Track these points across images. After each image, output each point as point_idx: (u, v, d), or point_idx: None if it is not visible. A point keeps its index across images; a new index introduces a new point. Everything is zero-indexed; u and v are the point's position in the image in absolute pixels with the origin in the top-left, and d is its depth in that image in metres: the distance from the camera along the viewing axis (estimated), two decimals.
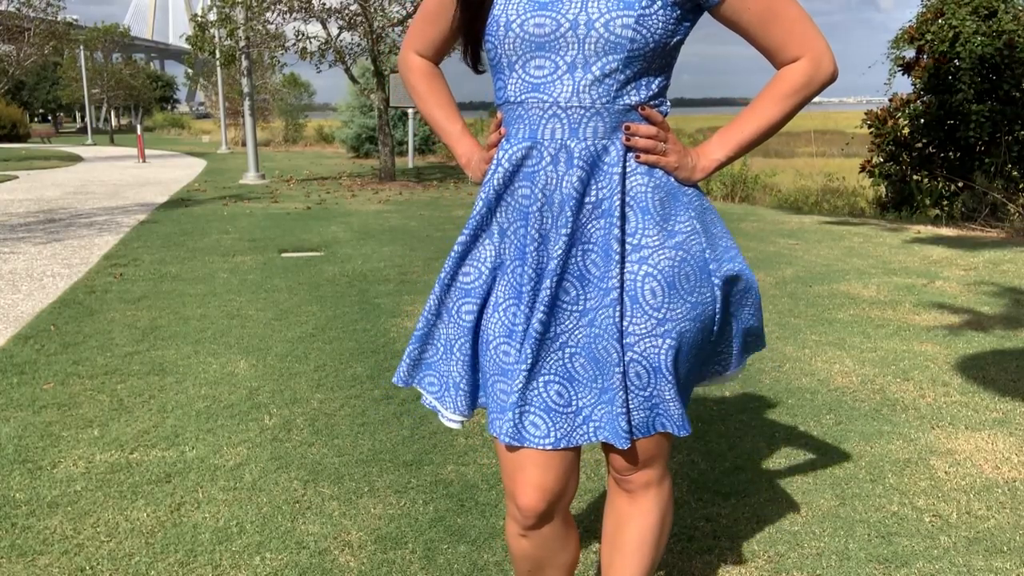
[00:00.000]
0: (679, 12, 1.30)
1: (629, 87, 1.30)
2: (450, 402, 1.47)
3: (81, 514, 2.38)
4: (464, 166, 1.54)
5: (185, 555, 2.16)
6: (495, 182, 1.39)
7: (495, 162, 1.40)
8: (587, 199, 1.33)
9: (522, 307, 1.36)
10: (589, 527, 2.28)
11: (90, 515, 2.37)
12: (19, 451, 2.81)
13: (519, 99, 1.34)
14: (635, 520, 1.52)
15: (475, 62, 1.45)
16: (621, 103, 1.31)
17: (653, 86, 1.33)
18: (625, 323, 1.33)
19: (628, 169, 1.34)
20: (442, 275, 1.46)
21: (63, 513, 2.38)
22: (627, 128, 1.32)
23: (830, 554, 2.16)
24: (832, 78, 1.35)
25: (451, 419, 1.48)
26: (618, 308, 1.32)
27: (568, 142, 1.32)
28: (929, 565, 2.10)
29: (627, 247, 1.34)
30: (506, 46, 1.32)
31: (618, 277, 1.32)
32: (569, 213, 1.32)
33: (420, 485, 2.55)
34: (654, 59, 1.30)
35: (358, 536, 2.26)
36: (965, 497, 2.47)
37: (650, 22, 1.27)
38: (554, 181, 1.33)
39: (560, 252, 1.32)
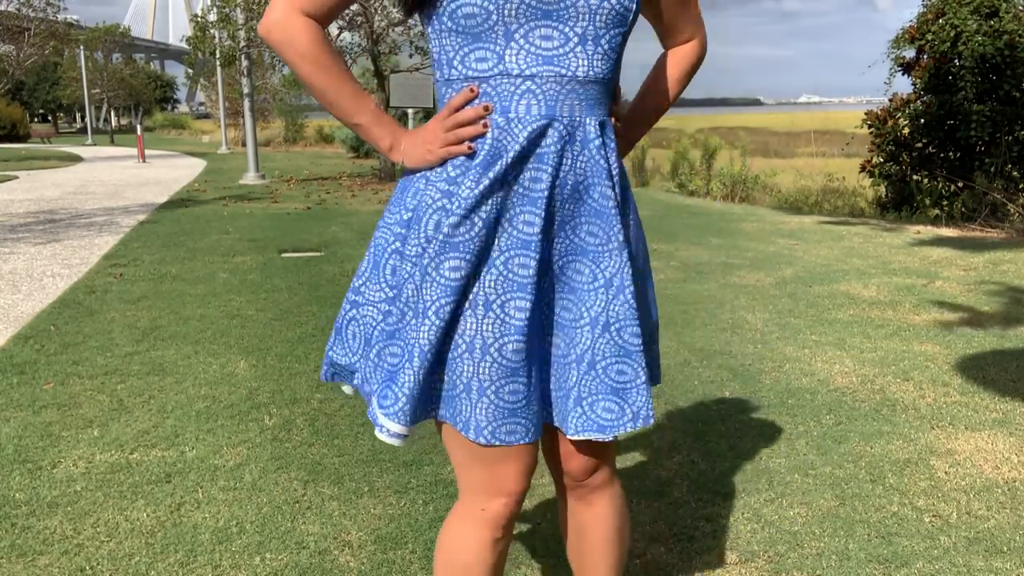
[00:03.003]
0: None
1: (619, 62, 1.31)
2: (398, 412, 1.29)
3: (81, 514, 2.38)
4: (388, 150, 1.32)
5: (185, 555, 2.16)
6: (506, 162, 1.23)
7: (494, 141, 1.23)
8: (612, 174, 1.30)
9: (531, 300, 1.26)
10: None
11: (90, 515, 2.37)
12: (19, 451, 2.81)
13: (529, 72, 1.22)
14: (598, 523, 1.49)
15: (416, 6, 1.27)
16: (614, 79, 1.31)
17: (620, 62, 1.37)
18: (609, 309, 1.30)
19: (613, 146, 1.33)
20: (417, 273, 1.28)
21: (63, 513, 2.38)
22: (613, 104, 1.34)
23: (830, 554, 2.16)
24: (705, 57, 1.50)
25: (394, 432, 1.29)
26: (633, 292, 1.30)
27: (585, 119, 1.26)
28: (929, 565, 2.10)
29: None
30: (506, 12, 1.19)
31: (626, 252, 1.29)
32: (608, 188, 1.27)
33: (420, 485, 2.55)
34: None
35: (358, 536, 2.26)
36: (965, 497, 2.47)
37: None
38: (569, 161, 1.26)
39: (572, 233, 1.29)
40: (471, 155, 1.25)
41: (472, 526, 1.36)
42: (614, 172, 1.30)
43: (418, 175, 1.31)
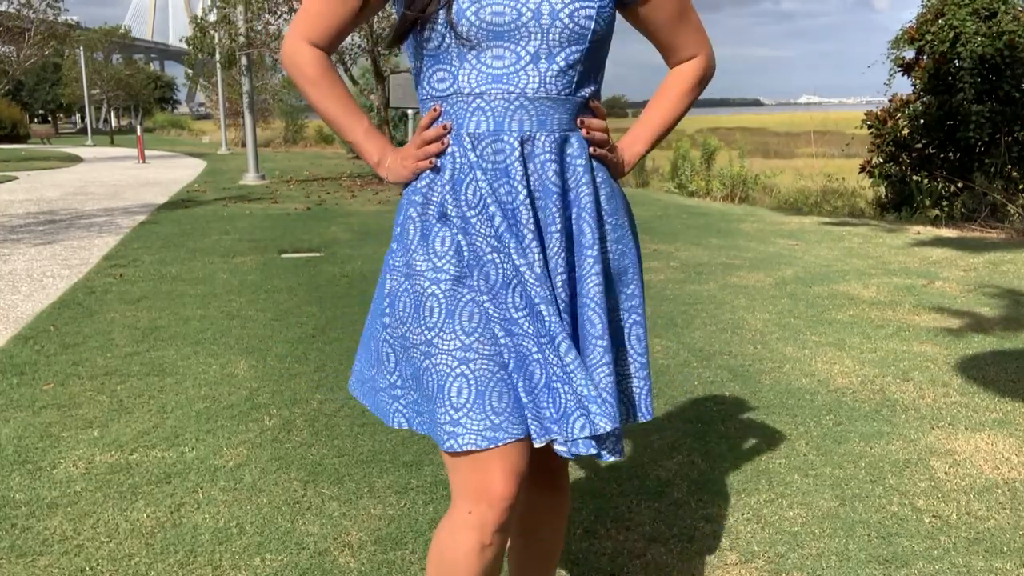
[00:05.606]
0: (615, 5, 1.36)
1: (586, 79, 1.33)
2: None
3: (81, 515, 2.38)
4: (376, 165, 1.42)
5: (185, 556, 2.16)
6: (477, 177, 1.29)
7: (453, 157, 1.31)
8: (566, 191, 1.33)
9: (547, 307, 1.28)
10: (589, 527, 2.28)
11: (90, 516, 2.37)
12: (19, 451, 2.81)
13: (479, 90, 1.29)
14: (559, 510, 1.61)
15: (399, 40, 1.36)
16: (579, 95, 1.33)
17: (598, 79, 1.38)
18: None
19: (588, 162, 1.36)
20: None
21: (63, 514, 2.38)
22: (582, 122, 1.35)
23: (830, 555, 2.16)
24: (712, 75, 1.51)
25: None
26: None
27: (536, 134, 1.30)
28: (929, 566, 2.10)
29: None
30: (459, 34, 1.26)
31: (598, 262, 1.33)
32: (554, 208, 1.30)
33: (420, 486, 2.55)
34: (603, 52, 1.36)
35: (358, 537, 2.26)
36: (965, 498, 2.47)
37: (605, 14, 1.31)
38: (532, 174, 1.31)
39: (557, 247, 1.31)
40: (437, 170, 1.34)
41: (462, 532, 1.33)
42: (568, 188, 1.33)
43: (404, 194, 1.40)
